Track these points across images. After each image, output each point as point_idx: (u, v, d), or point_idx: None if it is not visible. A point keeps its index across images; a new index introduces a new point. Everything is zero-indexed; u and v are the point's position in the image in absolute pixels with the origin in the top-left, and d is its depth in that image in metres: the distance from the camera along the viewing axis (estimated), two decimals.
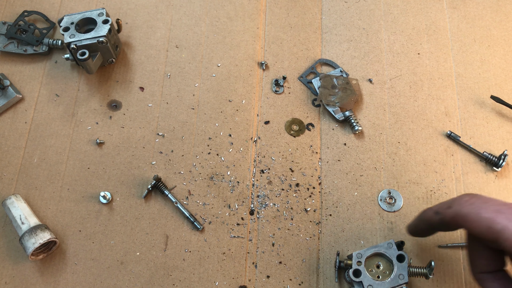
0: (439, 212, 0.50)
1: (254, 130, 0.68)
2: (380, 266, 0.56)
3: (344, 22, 0.76)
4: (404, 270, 0.54)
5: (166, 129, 0.68)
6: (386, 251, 0.55)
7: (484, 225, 0.44)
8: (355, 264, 0.55)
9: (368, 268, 0.55)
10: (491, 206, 0.45)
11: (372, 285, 0.54)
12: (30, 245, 0.57)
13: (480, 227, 0.45)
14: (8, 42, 0.71)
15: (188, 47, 0.73)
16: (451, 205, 0.48)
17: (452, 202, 0.48)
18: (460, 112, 0.69)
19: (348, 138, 0.68)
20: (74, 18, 0.67)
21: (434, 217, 0.50)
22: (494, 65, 0.72)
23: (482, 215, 0.44)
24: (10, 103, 0.68)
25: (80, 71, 0.71)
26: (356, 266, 0.55)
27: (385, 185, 0.65)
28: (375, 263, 0.56)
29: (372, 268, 0.56)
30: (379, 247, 0.56)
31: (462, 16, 0.76)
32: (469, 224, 0.45)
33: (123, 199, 0.64)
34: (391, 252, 0.55)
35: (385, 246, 0.55)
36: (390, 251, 0.55)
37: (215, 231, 0.62)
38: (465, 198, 0.47)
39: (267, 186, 0.65)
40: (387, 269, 0.55)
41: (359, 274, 0.55)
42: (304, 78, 0.72)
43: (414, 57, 0.73)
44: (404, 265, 0.54)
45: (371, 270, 0.55)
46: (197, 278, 0.60)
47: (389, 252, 0.55)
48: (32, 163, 0.65)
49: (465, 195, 0.48)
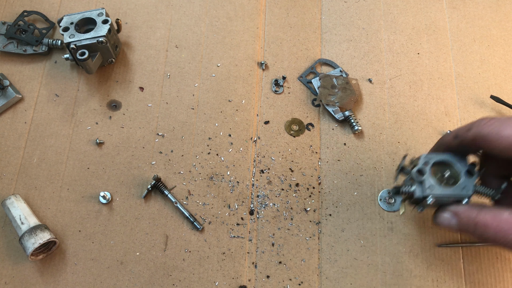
0: (458, 135, 0.50)
1: (254, 130, 0.68)
2: (446, 174, 0.52)
3: (343, 22, 0.76)
4: (471, 183, 0.51)
5: (166, 129, 0.68)
6: (456, 162, 0.52)
7: (505, 143, 0.45)
8: (421, 165, 0.52)
9: (435, 174, 0.52)
10: (510, 125, 0.45)
11: (433, 187, 0.51)
12: (30, 245, 0.57)
13: (501, 145, 0.45)
14: (7, 42, 0.71)
15: (188, 47, 0.73)
16: (471, 128, 0.48)
17: (471, 125, 0.48)
18: (460, 111, 0.69)
19: (348, 138, 0.68)
20: (74, 18, 0.67)
21: (453, 141, 0.51)
22: (494, 65, 0.72)
23: (502, 133, 0.45)
24: (9, 103, 0.68)
25: (79, 71, 0.71)
26: (422, 166, 0.52)
27: (385, 185, 0.65)
28: (442, 170, 0.52)
29: (438, 174, 0.52)
30: (450, 156, 0.52)
31: (462, 16, 0.76)
32: (490, 143, 0.46)
33: (123, 199, 0.64)
34: (462, 164, 0.52)
35: (457, 157, 0.52)
36: (460, 163, 0.52)
37: (215, 231, 0.62)
38: (484, 120, 0.48)
39: (267, 186, 0.65)
40: (453, 179, 0.52)
41: (423, 173, 0.51)
42: (304, 78, 0.72)
43: (414, 57, 0.73)
44: (472, 180, 0.51)
45: (437, 175, 0.52)
46: (197, 278, 0.60)
47: (459, 164, 0.52)
48: (31, 163, 0.65)
49: (484, 118, 0.48)
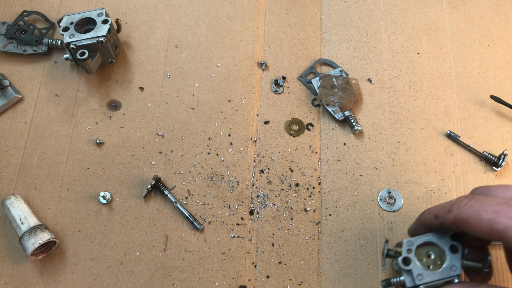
0: (438, 217, 0.49)
1: (253, 130, 0.68)
2: (431, 255, 0.52)
3: (343, 22, 0.76)
4: (457, 261, 0.51)
5: (166, 129, 0.68)
6: (439, 241, 0.52)
7: (486, 227, 0.44)
8: (405, 252, 0.52)
9: (419, 257, 0.52)
10: (490, 207, 0.44)
11: (422, 275, 0.51)
12: (30, 245, 0.57)
13: (482, 230, 0.44)
14: (7, 42, 0.71)
15: (188, 47, 0.73)
16: (451, 210, 0.48)
17: (451, 206, 0.48)
18: (459, 111, 0.69)
19: (347, 138, 0.68)
20: (74, 18, 0.67)
21: (434, 222, 0.50)
22: (494, 65, 0.72)
23: (482, 217, 0.44)
24: (9, 103, 0.68)
25: (79, 71, 0.71)
26: (406, 254, 0.52)
27: (385, 185, 0.65)
28: (426, 252, 0.52)
29: (423, 257, 0.52)
30: (432, 235, 0.52)
31: (462, 16, 0.76)
32: (471, 227, 0.45)
33: (123, 199, 0.64)
34: (444, 242, 0.52)
35: (438, 235, 0.52)
36: (442, 241, 0.52)
37: (214, 231, 0.62)
38: (464, 201, 0.47)
39: (267, 186, 0.65)
40: (439, 259, 0.52)
41: (408, 263, 0.51)
42: (304, 78, 0.72)
43: (413, 57, 0.73)
44: (457, 256, 0.51)
45: (421, 259, 0.52)
46: (197, 278, 0.60)
47: (441, 242, 0.52)
48: (31, 163, 0.65)
49: (464, 198, 0.47)
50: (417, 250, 0.52)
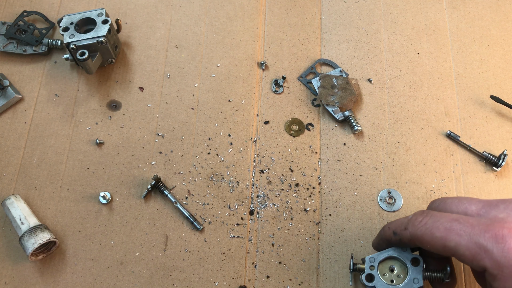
0: (396, 233, 0.50)
1: (253, 130, 0.68)
2: (394, 269, 0.54)
3: (343, 22, 0.76)
4: (419, 273, 0.52)
5: (166, 129, 0.68)
6: (400, 255, 0.53)
7: (439, 245, 0.45)
8: (368, 269, 0.53)
9: (382, 272, 0.54)
10: (442, 224, 0.45)
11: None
12: (30, 246, 0.57)
13: (436, 247, 0.45)
14: (7, 42, 0.71)
15: (188, 47, 0.73)
16: (407, 227, 0.48)
17: (407, 223, 0.49)
18: (459, 112, 0.69)
19: (347, 138, 0.68)
20: (74, 18, 0.67)
21: (393, 237, 0.51)
22: (494, 65, 0.72)
23: (435, 235, 0.45)
24: (9, 103, 0.68)
25: (79, 71, 0.71)
26: (369, 270, 0.53)
27: (385, 185, 0.65)
28: (389, 267, 0.54)
29: (386, 272, 0.54)
30: (393, 250, 0.54)
31: (462, 16, 0.76)
32: (426, 244, 0.46)
33: (123, 199, 0.64)
34: (405, 255, 0.53)
35: (399, 249, 0.53)
36: (404, 254, 0.53)
37: (214, 231, 0.62)
38: (419, 218, 0.48)
39: (267, 186, 0.65)
40: (402, 273, 0.53)
41: (372, 279, 0.53)
42: (304, 78, 0.72)
43: (413, 57, 0.73)
44: (418, 268, 0.52)
45: (384, 274, 0.54)
46: (197, 278, 0.60)
47: (403, 255, 0.53)
48: (31, 163, 0.65)
49: (418, 215, 0.48)
50: (380, 264, 0.54)
